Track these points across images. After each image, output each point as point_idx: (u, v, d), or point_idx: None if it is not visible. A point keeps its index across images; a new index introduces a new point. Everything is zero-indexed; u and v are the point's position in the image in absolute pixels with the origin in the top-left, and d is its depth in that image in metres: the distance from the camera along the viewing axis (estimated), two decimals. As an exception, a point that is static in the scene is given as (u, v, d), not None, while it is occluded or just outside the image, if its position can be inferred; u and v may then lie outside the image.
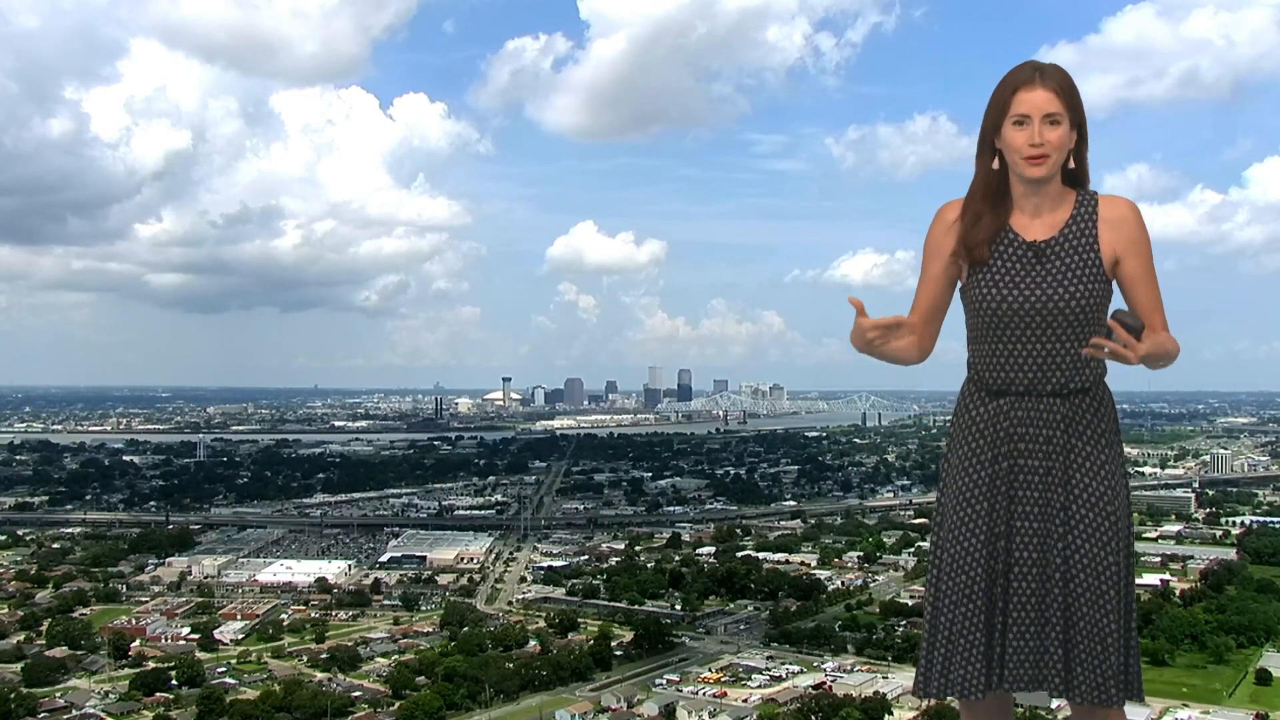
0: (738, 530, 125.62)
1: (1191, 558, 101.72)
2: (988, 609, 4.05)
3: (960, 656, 4.07)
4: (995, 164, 3.96)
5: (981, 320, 4.01)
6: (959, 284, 4.13)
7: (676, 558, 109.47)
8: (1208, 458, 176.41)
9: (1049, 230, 3.95)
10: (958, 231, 4.03)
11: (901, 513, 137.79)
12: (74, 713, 65.67)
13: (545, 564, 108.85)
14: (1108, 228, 3.93)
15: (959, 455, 4.14)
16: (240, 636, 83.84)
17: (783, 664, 76.28)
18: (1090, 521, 3.97)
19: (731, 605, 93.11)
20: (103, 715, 65.79)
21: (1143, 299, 3.97)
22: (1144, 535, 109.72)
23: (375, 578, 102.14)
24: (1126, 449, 4.45)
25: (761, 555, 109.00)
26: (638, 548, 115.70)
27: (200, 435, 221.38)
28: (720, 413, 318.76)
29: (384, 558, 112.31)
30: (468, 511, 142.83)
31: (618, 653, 78.09)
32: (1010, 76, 3.85)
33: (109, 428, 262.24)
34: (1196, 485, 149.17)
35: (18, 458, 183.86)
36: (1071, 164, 3.95)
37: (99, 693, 69.65)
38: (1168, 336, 3.96)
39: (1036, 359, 3.96)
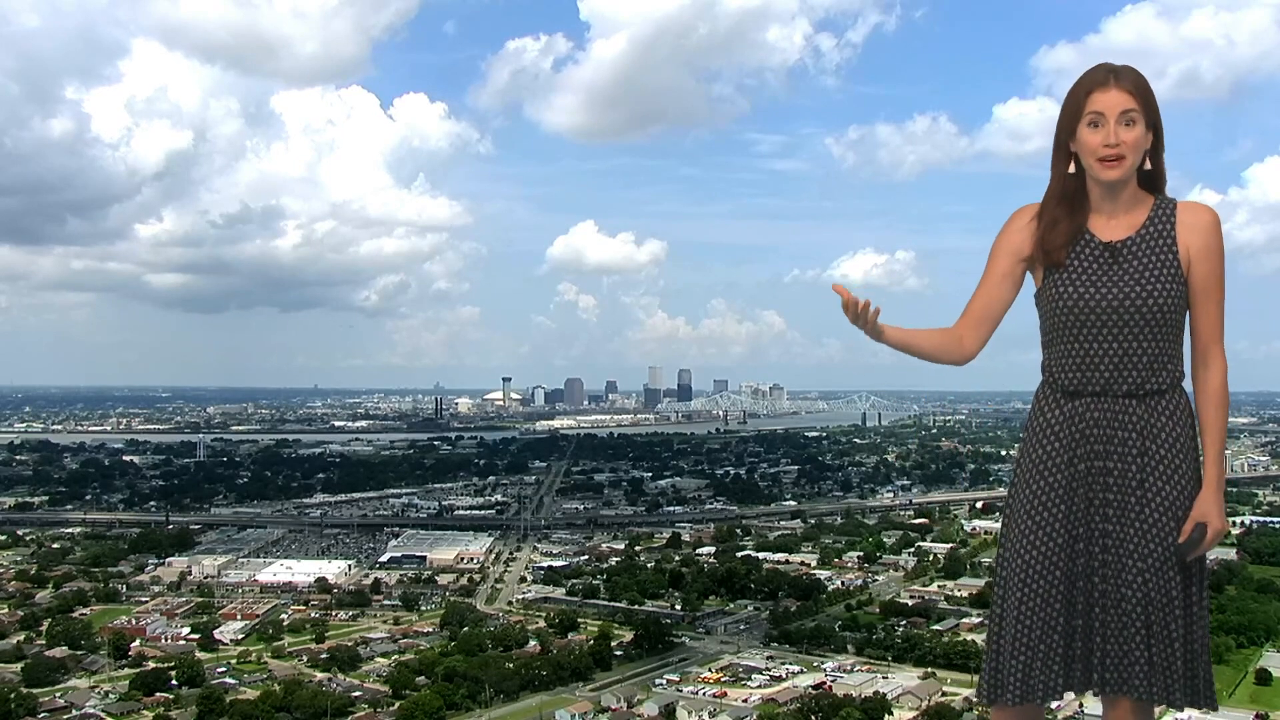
0: (738, 530, 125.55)
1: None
2: (1066, 613, 4.01)
3: (1041, 661, 4.02)
4: (1072, 168, 3.94)
5: (1057, 320, 3.99)
6: (1035, 288, 4.10)
7: (676, 558, 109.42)
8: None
9: (1126, 230, 3.94)
10: (1034, 235, 4.01)
11: (901, 513, 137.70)
12: (74, 713, 65.57)
13: (545, 564, 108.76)
14: (1185, 230, 3.90)
15: (1033, 459, 4.10)
16: (240, 636, 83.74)
17: (783, 664, 76.20)
18: (1165, 526, 3.94)
19: (731, 605, 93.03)
20: (103, 715, 65.72)
21: (1204, 314, 3.93)
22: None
23: (375, 578, 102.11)
24: None
25: (761, 555, 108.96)
26: (638, 548, 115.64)
27: (200, 435, 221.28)
28: (720, 413, 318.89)
29: (384, 558, 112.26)
30: (468, 511, 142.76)
31: (618, 653, 78.01)
32: (1084, 79, 3.84)
33: (109, 428, 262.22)
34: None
35: (18, 458, 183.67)
36: (1147, 165, 3.92)
37: (99, 693, 69.57)
38: (1219, 399, 3.99)
39: (1112, 359, 3.93)
